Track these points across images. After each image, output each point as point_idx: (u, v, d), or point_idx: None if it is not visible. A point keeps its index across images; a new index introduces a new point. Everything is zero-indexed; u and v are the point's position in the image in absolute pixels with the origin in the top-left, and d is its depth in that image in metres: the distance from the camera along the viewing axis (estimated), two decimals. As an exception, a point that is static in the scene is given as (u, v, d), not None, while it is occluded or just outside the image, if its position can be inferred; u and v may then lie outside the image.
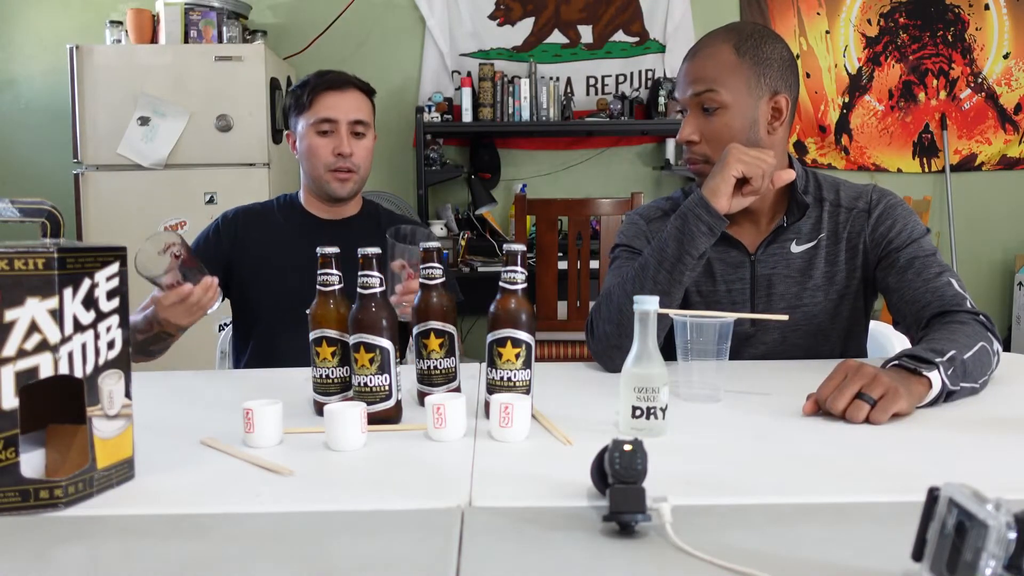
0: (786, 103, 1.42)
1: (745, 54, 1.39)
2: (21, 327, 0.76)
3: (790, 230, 1.48)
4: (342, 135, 1.76)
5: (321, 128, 1.76)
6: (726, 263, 1.50)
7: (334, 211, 1.85)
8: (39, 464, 0.84)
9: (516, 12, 4.03)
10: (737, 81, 1.38)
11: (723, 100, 1.38)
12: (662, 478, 0.78)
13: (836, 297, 1.48)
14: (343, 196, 1.80)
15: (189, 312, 1.45)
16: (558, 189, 4.06)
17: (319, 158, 1.77)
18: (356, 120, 1.77)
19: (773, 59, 1.41)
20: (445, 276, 1.15)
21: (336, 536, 0.73)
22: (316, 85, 1.77)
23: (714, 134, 1.40)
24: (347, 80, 1.80)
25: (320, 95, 1.77)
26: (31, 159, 3.96)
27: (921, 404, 1.10)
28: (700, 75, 1.40)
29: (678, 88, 1.45)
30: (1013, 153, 4.09)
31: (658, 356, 0.99)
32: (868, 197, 1.48)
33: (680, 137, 1.43)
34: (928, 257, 1.40)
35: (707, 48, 1.41)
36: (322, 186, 1.79)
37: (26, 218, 0.83)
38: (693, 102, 1.41)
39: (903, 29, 4.06)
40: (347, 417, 0.96)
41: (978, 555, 0.52)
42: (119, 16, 3.75)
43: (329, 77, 1.79)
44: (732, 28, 1.43)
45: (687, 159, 1.45)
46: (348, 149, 1.75)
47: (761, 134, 1.41)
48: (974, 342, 1.19)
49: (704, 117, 1.40)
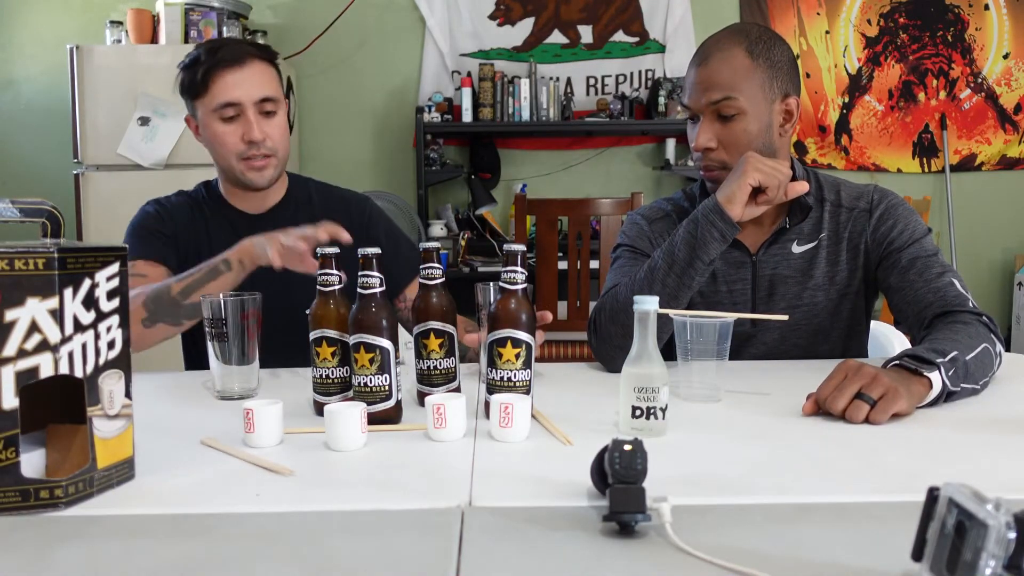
0: (796, 105, 1.42)
1: (758, 57, 1.38)
2: (21, 327, 0.76)
3: (792, 231, 1.48)
4: (250, 119, 1.53)
5: (225, 114, 1.53)
6: (728, 263, 1.50)
7: (257, 202, 1.65)
8: (39, 464, 0.84)
9: (516, 12, 4.03)
10: (753, 86, 1.38)
11: (741, 106, 1.37)
12: (662, 478, 0.79)
13: (837, 297, 1.48)
14: (262, 185, 1.59)
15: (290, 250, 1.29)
16: (558, 189, 4.06)
17: (227, 147, 1.55)
18: (263, 98, 1.54)
19: (783, 61, 1.41)
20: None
21: (336, 536, 0.73)
22: (210, 64, 1.52)
23: (732, 140, 1.39)
24: (244, 52, 1.54)
25: (216, 75, 1.52)
26: (31, 159, 3.96)
27: (921, 404, 1.10)
28: (716, 81, 1.38)
29: (689, 94, 1.42)
30: (1013, 153, 4.09)
31: (658, 356, 0.99)
32: (869, 197, 1.48)
33: (697, 145, 1.41)
34: (930, 257, 1.40)
35: (719, 52, 1.39)
36: (237, 177, 1.58)
37: (26, 218, 0.83)
38: (709, 109, 1.39)
39: (903, 29, 4.06)
40: (347, 417, 0.96)
41: (978, 555, 0.52)
42: (119, 16, 3.75)
43: (223, 52, 1.53)
44: (739, 30, 1.42)
45: (703, 166, 1.43)
46: (259, 135, 1.53)
47: (774, 137, 1.41)
48: (977, 343, 1.19)
49: (721, 123, 1.39)
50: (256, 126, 1.53)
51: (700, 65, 1.41)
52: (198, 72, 1.53)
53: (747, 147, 1.38)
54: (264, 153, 1.56)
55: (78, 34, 3.83)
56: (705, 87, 1.39)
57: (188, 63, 1.56)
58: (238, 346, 1.21)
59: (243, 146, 1.55)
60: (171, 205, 1.66)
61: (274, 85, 1.57)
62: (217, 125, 1.55)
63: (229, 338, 1.20)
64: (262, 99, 1.54)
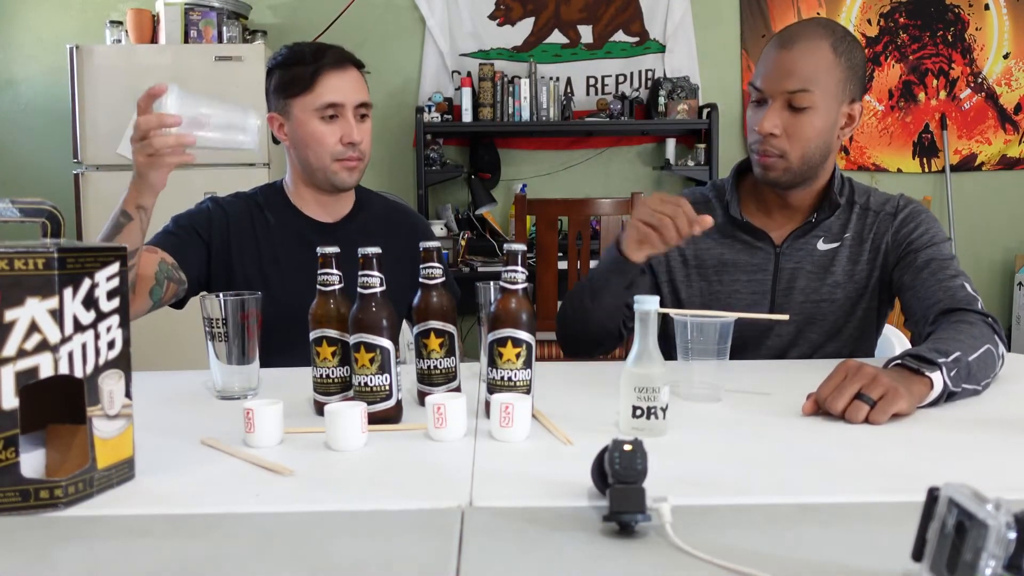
0: (860, 111, 1.44)
1: (842, 55, 1.38)
2: (21, 327, 0.76)
3: (819, 227, 1.50)
4: (350, 121, 1.59)
5: (326, 113, 1.57)
6: (751, 253, 1.51)
7: (330, 210, 1.68)
8: (39, 464, 0.84)
9: (516, 12, 4.03)
10: (830, 83, 1.38)
11: (815, 101, 1.37)
12: (662, 478, 0.78)
13: (854, 295, 1.49)
14: (350, 186, 1.64)
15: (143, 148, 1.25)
16: (558, 189, 4.06)
17: (325, 147, 1.58)
18: (362, 103, 1.61)
19: (860, 66, 1.42)
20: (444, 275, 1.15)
21: (336, 536, 0.73)
22: (319, 64, 1.58)
23: (797, 131, 1.39)
24: (348, 58, 1.62)
25: (323, 75, 1.57)
26: (31, 159, 3.96)
27: (922, 404, 1.10)
28: (796, 71, 1.36)
29: (765, 74, 1.40)
30: (1013, 153, 4.09)
31: (658, 356, 0.99)
32: (896, 203, 1.50)
33: (761, 128, 1.39)
34: (945, 260, 1.41)
35: (805, 41, 1.37)
36: (328, 177, 1.61)
37: (26, 218, 0.83)
38: (783, 96, 1.38)
39: (903, 29, 4.06)
40: (347, 417, 0.96)
41: (978, 555, 0.52)
42: (119, 16, 3.75)
43: (331, 55, 1.59)
44: (826, 24, 1.41)
45: (761, 150, 1.41)
46: (359, 136, 1.59)
47: (833, 137, 1.42)
48: (980, 344, 1.19)
49: (790, 112, 1.38)
50: (355, 128, 1.59)
51: (783, 48, 1.38)
52: (305, 71, 1.57)
53: (810, 141, 1.39)
54: (358, 156, 1.61)
55: (78, 34, 3.83)
56: (784, 73, 1.37)
57: (288, 62, 1.60)
58: (238, 346, 1.21)
59: (341, 147, 1.59)
60: (228, 207, 1.65)
61: (367, 92, 1.64)
62: (317, 124, 1.58)
63: (229, 338, 1.20)
64: (360, 103, 1.61)
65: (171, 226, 1.61)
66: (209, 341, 1.22)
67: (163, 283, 1.50)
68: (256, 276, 1.60)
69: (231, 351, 1.21)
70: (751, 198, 1.53)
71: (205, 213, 1.63)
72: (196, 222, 1.61)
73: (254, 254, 1.62)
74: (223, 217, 1.63)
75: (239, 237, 1.62)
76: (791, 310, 1.48)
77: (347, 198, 1.71)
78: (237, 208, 1.65)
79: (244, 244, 1.62)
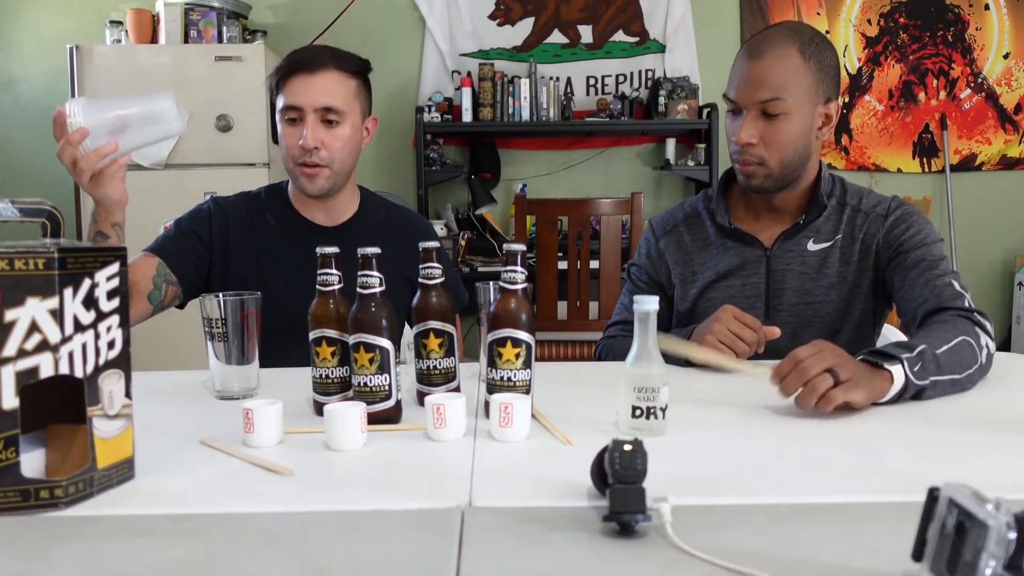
0: (836, 110, 1.45)
1: (811, 59, 1.39)
2: (21, 327, 0.76)
3: (808, 228, 1.51)
4: (308, 125, 1.52)
5: (288, 116, 1.54)
6: (742, 258, 1.53)
7: (329, 215, 1.65)
8: (39, 464, 0.84)
9: (516, 12, 4.03)
10: (801, 87, 1.39)
11: (788, 107, 1.39)
12: (662, 478, 0.78)
13: (848, 296, 1.50)
14: (313, 193, 1.57)
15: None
16: (558, 189, 4.06)
17: (287, 150, 1.55)
18: (326, 107, 1.52)
19: (831, 66, 1.43)
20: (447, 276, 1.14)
21: (336, 536, 0.73)
22: (287, 68, 1.54)
23: (774, 138, 1.41)
24: (320, 61, 1.53)
25: (289, 78, 1.53)
26: (31, 159, 3.95)
27: (883, 400, 1.10)
28: (767, 80, 1.38)
29: (737, 86, 1.42)
30: (1013, 153, 4.09)
31: (658, 356, 1.00)
32: (887, 204, 1.51)
33: (738, 139, 1.41)
34: (935, 260, 1.42)
35: (773, 50, 1.39)
36: (294, 181, 1.60)
37: (26, 218, 0.83)
38: (756, 106, 1.40)
39: (903, 29, 4.06)
40: (347, 417, 0.96)
41: (978, 555, 0.52)
42: (119, 16, 3.74)
43: (299, 56, 1.55)
44: (793, 28, 1.42)
45: (740, 160, 1.44)
46: (311, 142, 1.51)
47: (812, 139, 1.44)
48: (952, 336, 1.20)
49: (764, 120, 1.40)
50: (311, 133, 1.52)
51: (752, 59, 1.40)
52: (281, 72, 1.56)
53: (788, 146, 1.41)
54: (315, 162, 1.54)
55: (78, 34, 3.83)
56: (755, 84, 1.39)
57: (281, 63, 1.59)
58: (238, 346, 1.21)
59: (298, 151, 1.54)
60: (229, 207, 1.64)
61: (342, 96, 1.55)
62: (283, 127, 1.57)
63: (229, 338, 1.20)
64: (324, 108, 1.53)
65: (172, 230, 1.61)
66: (209, 341, 1.22)
67: (161, 287, 1.51)
68: (254, 277, 1.59)
69: (230, 351, 1.21)
70: (740, 204, 1.57)
71: (205, 214, 1.63)
72: (196, 223, 1.62)
73: (252, 255, 1.62)
74: (223, 218, 1.62)
75: (238, 237, 1.62)
76: (785, 311, 1.50)
77: (348, 203, 1.67)
78: (238, 208, 1.65)
79: (243, 245, 1.62)
